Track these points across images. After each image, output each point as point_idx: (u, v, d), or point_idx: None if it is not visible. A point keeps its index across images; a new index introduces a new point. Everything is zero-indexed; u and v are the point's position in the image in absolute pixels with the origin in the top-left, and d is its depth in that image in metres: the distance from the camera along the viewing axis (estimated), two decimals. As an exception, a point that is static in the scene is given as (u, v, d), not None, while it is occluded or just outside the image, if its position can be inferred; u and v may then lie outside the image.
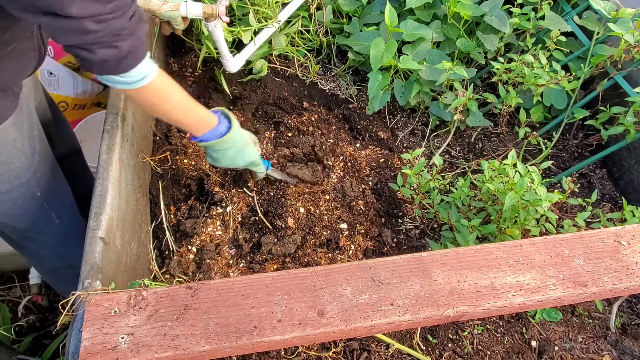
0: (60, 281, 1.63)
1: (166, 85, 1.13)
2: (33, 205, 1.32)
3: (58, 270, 1.54)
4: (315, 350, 1.31)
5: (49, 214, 1.38)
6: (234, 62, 1.77)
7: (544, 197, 1.32)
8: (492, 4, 1.94)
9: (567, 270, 0.98)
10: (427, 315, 0.91)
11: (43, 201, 1.34)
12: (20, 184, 1.26)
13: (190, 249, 1.47)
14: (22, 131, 1.22)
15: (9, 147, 1.19)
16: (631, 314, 1.54)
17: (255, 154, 1.43)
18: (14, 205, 1.29)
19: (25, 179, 1.26)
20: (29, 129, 1.25)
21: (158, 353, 0.83)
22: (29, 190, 1.29)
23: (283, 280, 0.93)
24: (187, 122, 1.25)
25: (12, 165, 1.22)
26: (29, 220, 1.35)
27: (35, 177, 1.29)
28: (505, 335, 1.42)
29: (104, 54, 0.93)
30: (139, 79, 1.02)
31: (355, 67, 2.22)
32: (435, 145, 1.99)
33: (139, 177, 1.45)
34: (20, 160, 1.23)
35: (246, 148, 1.38)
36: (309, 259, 1.46)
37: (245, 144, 1.38)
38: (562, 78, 1.72)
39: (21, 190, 1.27)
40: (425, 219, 1.67)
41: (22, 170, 1.25)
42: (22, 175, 1.25)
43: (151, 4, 1.44)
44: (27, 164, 1.26)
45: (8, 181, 1.23)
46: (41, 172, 1.32)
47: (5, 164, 1.20)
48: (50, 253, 1.48)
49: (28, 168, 1.26)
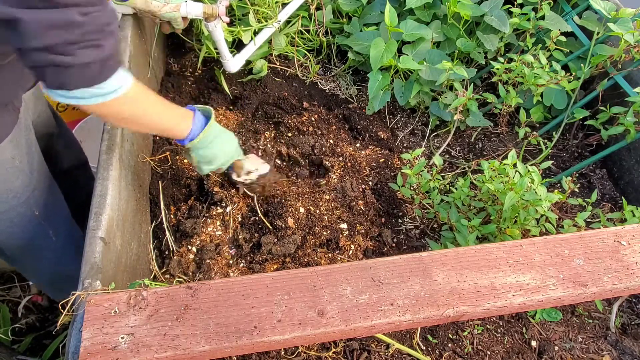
0: (58, 291, 1.61)
1: (141, 92, 1.00)
2: (31, 223, 1.28)
3: (56, 282, 1.52)
4: (315, 350, 1.31)
5: (47, 230, 1.35)
6: (233, 62, 1.77)
7: (544, 197, 1.32)
8: (492, 4, 1.94)
9: (567, 270, 0.98)
10: (427, 315, 0.91)
11: (41, 219, 1.30)
12: (19, 204, 1.22)
13: (190, 249, 1.47)
14: (20, 148, 1.16)
15: (7, 165, 1.13)
16: (631, 314, 1.54)
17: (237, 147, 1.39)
18: (12, 224, 1.25)
19: (23, 198, 1.22)
20: (27, 145, 1.20)
21: (158, 353, 0.82)
22: (27, 209, 1.25)
23: (283, 280, 0.93)
24: (168, 126, 1.14)
25: (10, 185, 1.17)
26: (27, 238, 1.31)
27: (33, 196, 1.25)
28: (505, 335, 1.42)
29: (87, 56, 0.80)
30: (113, 89, 0.88)
31: (355, 67, 2.22)
32: (435, 145, 1.99)
33: (139, 177, 1.45)
34: (19, 179, 1.18)
35: (227, 134, 1.33)
36: (309, 259, 1.46)
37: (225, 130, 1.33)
38: (562, 78, 1.72)
39: (19, 209, 1.23)
40: (425, 219, 1.67)
41: (20, 189, 1.20)
42: (21, 194, 1.21)
43: (152, 5, 1.44)
44: (26, 182, 1.21)
45: (6, 201, 1.18)
46: (39, 189, 1.28)
47: (3, 184, 1.14)
48: (47, 267, 1.46)
49: (27, 187, 1.22)
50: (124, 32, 1.50)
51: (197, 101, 1.94)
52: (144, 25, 1.69)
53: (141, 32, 1.65)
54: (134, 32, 1.54)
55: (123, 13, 1.53)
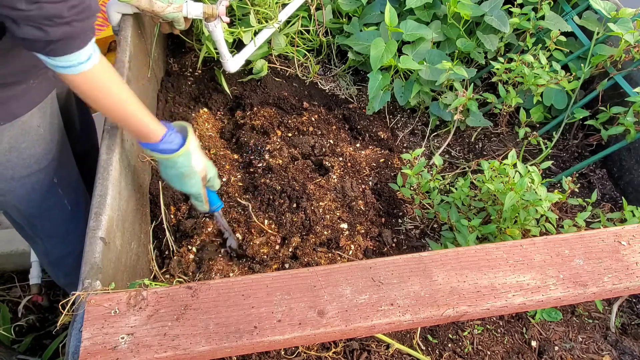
0: (62, 273, 1.63)
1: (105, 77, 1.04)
2: (50, 191, 1.36)
3: (62, 259, 1.55)
4: (315, 350, 1.31)
5: (63, 200, 1.42)
6: (233, 62, 1.77)
7: (544, 197, 1.32)
8: (492, 4, 1.94)
9: (567, 270, 0.98)
10: (427, 315, 0.91)
11: (58, 187, 1.38)
12: (39, 169, 1.30)
13: (190, 249, 1.47)
14: (45, 118, 1.26)
15: (33, 132, 1.23)
16: (631, 314, 1.54)
17: (197, 187, 1.26)
18: (32, 190, 1.32)
19: (43, 165, 1.30)
20: (51, 115, 1.29)
21: (158, 353, 0.82)
22: (46, 176, 1.33)
23: (283, 280, 0.93)
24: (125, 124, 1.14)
25: (33, 151, 1.26)
26: (44, 206, 1.38)
27: (52, 164, 1.33)
28: (505, 335, 1.42)
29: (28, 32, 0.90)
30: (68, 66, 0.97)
31: (355, 67, 2.22)
32: (435, 145, 1.99)
33: (139, 177, 1.45)
34: (41, 146, 1.27)
35: (188, 178, 1.22)
36: (309, 259, 1.46)
37: (190, 173, 1.21)
38: (562, 78, 1.72)
39: (39, 175, 1.31)
40: (425, 219, 1.67)
41: (41, 156, 1.29)
42: (41, 161, 1.29)
43: (156, 6, 1.44)
44: (47, 150, 1.30)
45: (28, 166, 1.27)
46: (58, 159, 1.36)
47: (27, 150, 1.24)
48: (58, 240, 1.51)
49: (47, 154, 1.31)
50: (124, 32, 1.50)
51: (197, 101, 1.94)
52: (144, 25, 1.69)
53: (141, 32, 1.65)
54: (134, 32, 1.53)
55: (123, 13, 1.53)
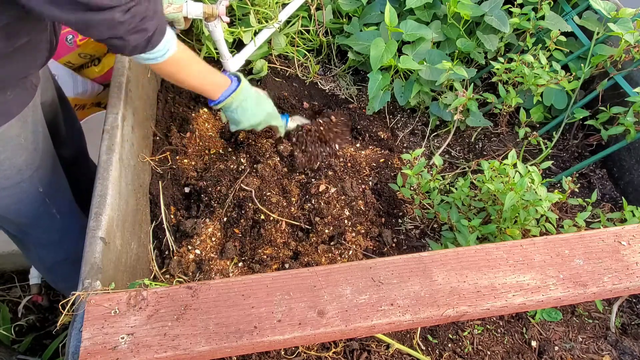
0: (60, 278, 1.63)
1: (185, 56, 1.23)
2: (36, 201, 1.34)
3: (58, 266, 1.54)
4: (315, 350, 1.31)
5: (51, 209, 1.40)
6: (233, 62, 1.77)
7: (544, 197, 1.32)
8: (492, 4, 1.94)
9: (567, 270, 0.98)
10: (427, 315, 0.91)
11: (45, 197, 1.36)
12: (22, 180, 1.28)
13: (190, 249, 1.47)
14: (26, 126, 1.23)
15: (13, 142, 1.20)
16: (631, 314, 1.54)
17: (270, 104, 1.54)
18: (17, 201, 1.31)
19: (27, 175, 1.28)
20: (33, 123, 1.26)
21: (158, 353, 0.83)
22: (31, 185, 1.31)
23: (283, 280, 0.93)
24: (204, 88, 1.36)
25: (14, 162, 1.23)
26: (31, 216, 1.37)
27: (37, 174, 1.31)
28: (505, 335, 1.42)
29: (136, 39, 1.01)
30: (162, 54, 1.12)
31: (355, 67, 2.22)
32: (435, 145, 1.99)
33: (139, 177, 1.45)
34: (23, 156, 1.25)
35: (260, 99, 1.50)
36: (309, 259, 1.46)
37: (258, 96, 1.50)
38: (562, 78, 1.72)
39: (23, 185, 1.29)
40: (425, 219, 1.67)
41: (24, 166, 1.26)
42: (25, 171, 1.27)
43: None
44: (30, 160, 1.27)
45: (11, 177, 1.25)
46: (43, 168, 1.33)
47: (8, 160, 1.21)
48: (52, 248, 1.49)
49: (31, 164, 1.28)
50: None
51: (197, 101, 1.94)
52: (144, 25, 1.70)
53: (141, 32, 1.65)
54: (134, 32, 1.54)
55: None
